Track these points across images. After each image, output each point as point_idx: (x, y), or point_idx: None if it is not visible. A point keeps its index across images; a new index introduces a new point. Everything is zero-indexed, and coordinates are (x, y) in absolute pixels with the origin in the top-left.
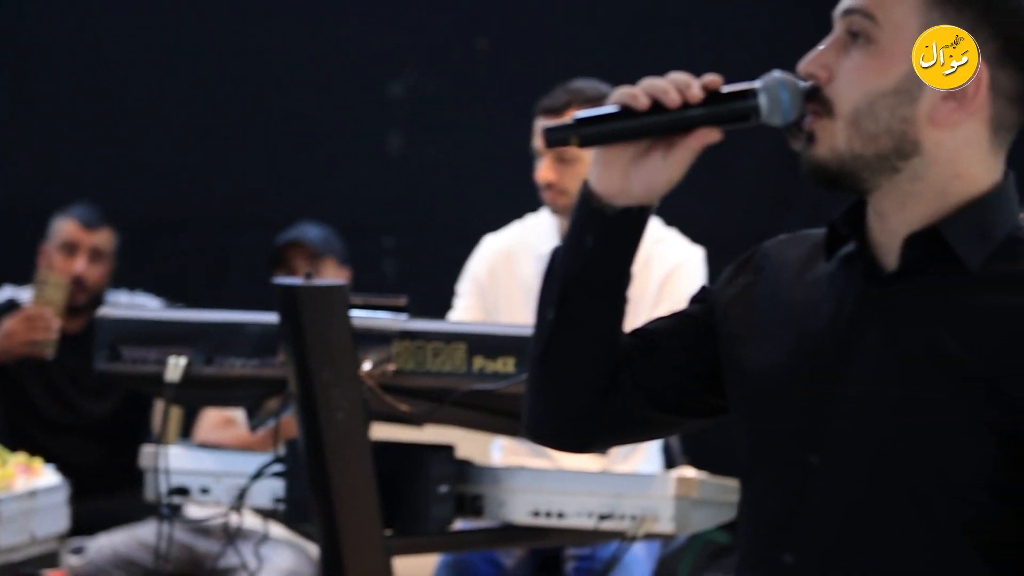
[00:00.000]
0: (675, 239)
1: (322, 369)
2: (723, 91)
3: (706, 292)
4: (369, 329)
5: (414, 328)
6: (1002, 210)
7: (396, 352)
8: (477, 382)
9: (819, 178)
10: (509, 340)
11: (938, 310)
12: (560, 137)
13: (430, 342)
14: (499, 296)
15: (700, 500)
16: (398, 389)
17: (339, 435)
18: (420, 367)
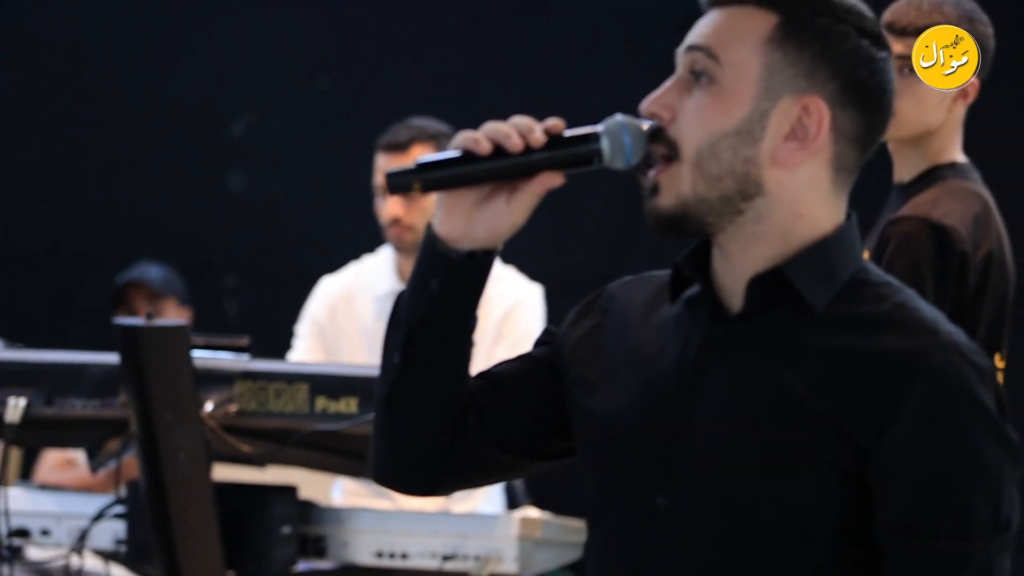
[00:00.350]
0: (513, 277)
1: (163, 410)
2: (565, 135)
3: (551, 334)
4: (211, 370)
5: (256, 368)
6: (845, 251)
7: (238, 393)
8: (320, 423)
9: (664, 228)
10: (351, 380)
11: (783, 351)
12: (402, 182)
13: (272, 382)
14: (339, 338)
15: (544, 540)
16: (240, 430)
17: (181, 476)
18: (262, 408)
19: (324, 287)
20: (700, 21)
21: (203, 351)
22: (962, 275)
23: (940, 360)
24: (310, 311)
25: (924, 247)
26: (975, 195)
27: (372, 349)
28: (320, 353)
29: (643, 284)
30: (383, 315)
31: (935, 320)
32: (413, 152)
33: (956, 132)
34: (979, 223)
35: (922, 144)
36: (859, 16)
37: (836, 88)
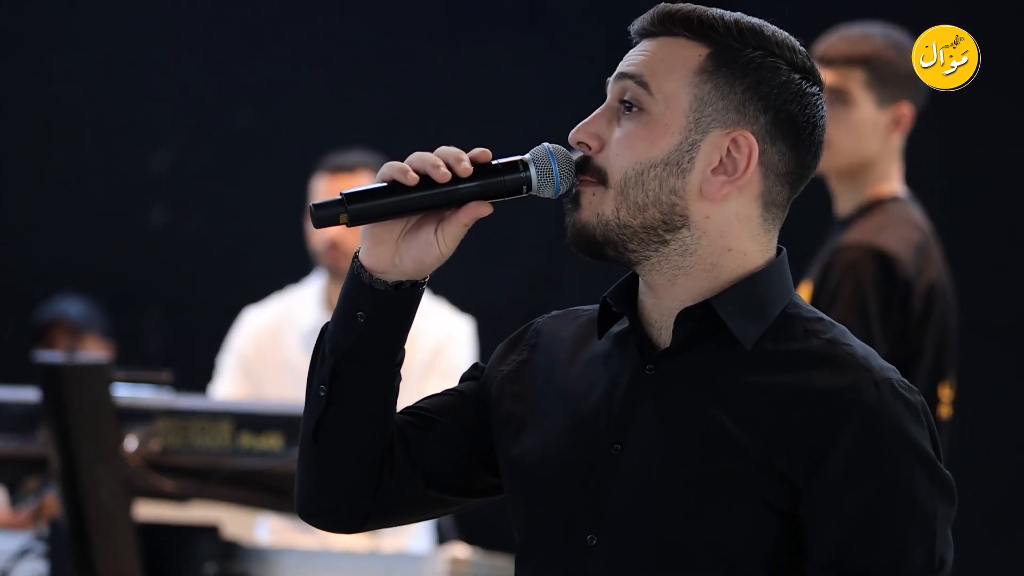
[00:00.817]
0: (444, 310)
1: (85, 447)
2: (493, 164)
3: (478, 369)
4: (133, 406)
5: (179, 405)
6: (776, 286)
7: (161, 429)
8: (244, 459)
9: (583, 245)
10: (276, 416)
11: (713, 388)
12: (328, 215)
13: (195, 418)
14: (264, 372)
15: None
16: (163, 467)
17: (103, 514)
18: (185, 444)
19: (248, 320)
20: (632, 50)
21: (125, 386)
22: (906, 302)
23: (872, 398)
24: (234, 345)
25: (869, 273)
26: (916, 226)
27: (298, 384)
28: (244, 388)
29: (571, 319)
30: (310, 350)
31: (867, 357)
32: (359, 176)
33: (894, 163)
34: (921, 253)
35: (860, 176)
36: (791, 50)
37: (766, 122)
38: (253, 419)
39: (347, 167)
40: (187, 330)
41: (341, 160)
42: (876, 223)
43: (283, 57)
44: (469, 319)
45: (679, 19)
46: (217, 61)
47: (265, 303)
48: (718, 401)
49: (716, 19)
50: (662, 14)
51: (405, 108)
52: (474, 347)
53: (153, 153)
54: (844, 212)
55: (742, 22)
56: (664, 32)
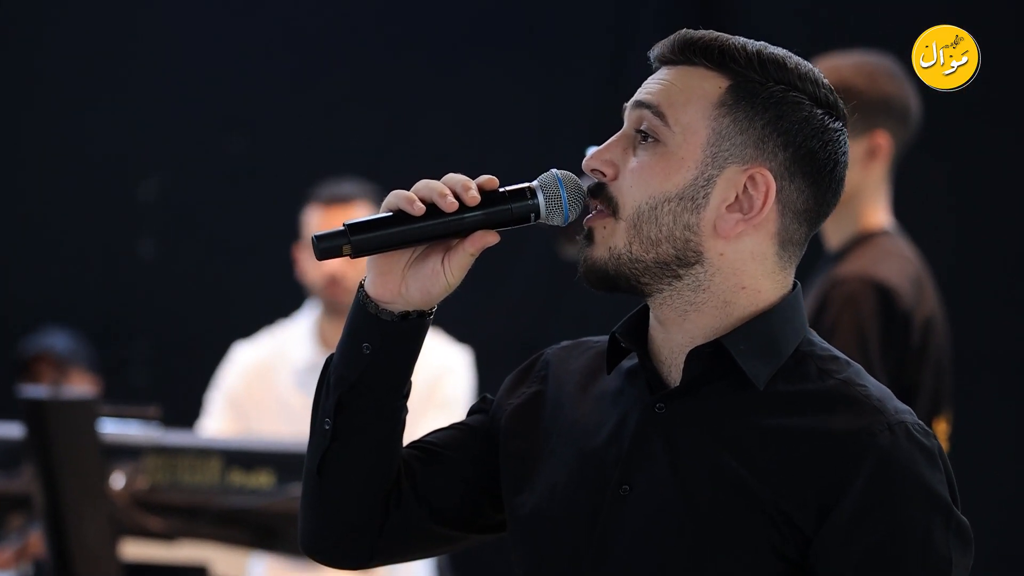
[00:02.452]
0: (441, 341)
1: (70, 485)
2: (500, 191)
3: (486, 402)
4: (119, 442)
5: (167, 441)
6: (789, 324)
7: (148, 466)
8: (234, 497)
9: (595, 280)
10: (267, 454)
11: (723, 429)
12: (331, 246)
13: (184, 455)
14: (254, 410)
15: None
16: (151, 505)
17: (88, 554)
18: (173, 481)
19: (239, 357)
20: (651, 77)
21: (112, 422)
22: (905, 335)
23: (887, 441)
24: (224, 382)
25: (868, 306)
26: (909, 259)
27: (291, 423)
28: (234, 426)
29: (580, 351)
30: (303, 387)
31: (882, 398)
32: (355, 208)
33: (879, 195)
34: (917, 286)
35: (846, 209)
36: (814, 84)
37: (786, 159)
38: (243, 456)
39: (342, 198)
40: (176, 364)
41: (336, 191)
42: (871, 256)
43: (276, 82)
44: (466, 350)
45: (700, 48)
46: (207, 86)
47: (256, 339)
48: (728, 444)
49: (738, 50)
50: (683, 42)
51: (402, 134)
52: (472, 378)
53: (141, 182)
54: (834, 246)
55: (764, 54)
56: (684, 60)
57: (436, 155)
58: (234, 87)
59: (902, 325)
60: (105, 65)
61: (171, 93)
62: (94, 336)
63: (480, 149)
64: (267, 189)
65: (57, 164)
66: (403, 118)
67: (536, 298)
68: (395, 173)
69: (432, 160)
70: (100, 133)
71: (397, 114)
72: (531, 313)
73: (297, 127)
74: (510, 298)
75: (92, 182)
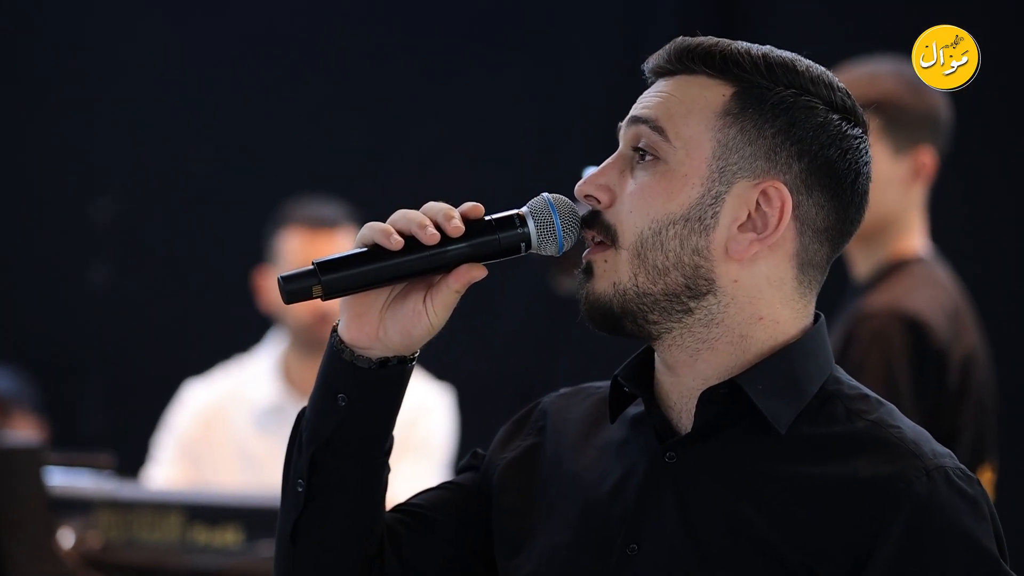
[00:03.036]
0: (418, 378)
1: (14, 542)
2: (486, 220)
3: (477, 458)
4: (69, 495)
5: (122, 494)
6: (812, 359)
7: (101, 521)
8: (197, 556)
9: (599, 319)
10: (233, 508)
11: (740, 480)
12: (299, 289)
13: (141, 510)
14: (209, 457)
15: None
16: (104, 565)
17: None
18: (129, 539)
19: (192, 398)
20: (646, 91)
21: (60, 472)
22: (940, 375)
23: (924, 489)
24: (174, 428)
25: (898, 344)
26: (946, 289)
27: (250, 470)
28: (186, 474)
29: (581, 398)
30: (264, 431)
31: (918, 441)
32: (340, 235)
33: (917, 219)
34: (954, 319)
35: (880, 235)
36: (828, 87)
37: (801, 170)
38: (207, 511)
39: (327, 222)
40: (132, 406)
41: (318, 213)
42: (901, 286)
43: (244, 91)
44: (447, 388)
45: (699, 55)
46: (167, 95)
47: (209, 377)
48: (747, 495)
49: (741, 54)
50: (680, 49)
51: (385, 149)
52: (452, 420)
53: (93, 202)
54: (862, 276)
55: (771, 57)
56: (682, 70)
57: (423, 172)
58: (197, 96)
59: (936, 363)
60: (53, 72)
61: (126, 103)
62: (39, 374)
63: (472, 166)
64: (233, 210)
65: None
66: (386, 131)
67: (531, 334)
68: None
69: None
70: (47, 147)
71: (380, 127)
72: (525, 351)
73: (267, 141)
74: (502, 334)
75: (37, 201)
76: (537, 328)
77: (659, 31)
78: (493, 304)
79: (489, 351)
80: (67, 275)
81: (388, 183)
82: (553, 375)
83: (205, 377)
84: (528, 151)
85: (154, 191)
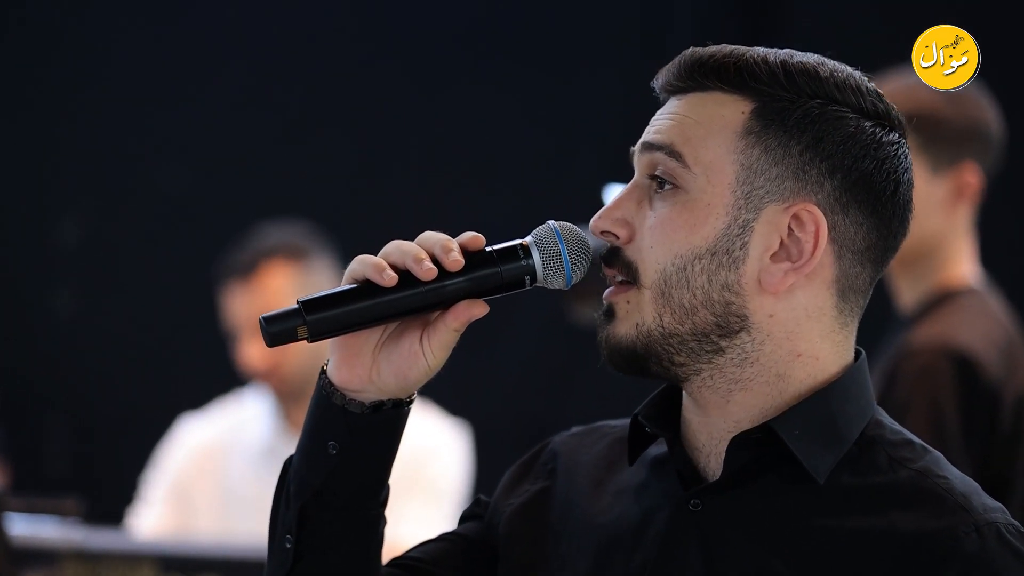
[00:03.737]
0: (430, 414)
1: None
2: (487, 251)
3: (481, 505)
4: (32, 544)
5: (90, 544)
6: (853, 402)
7: (68, 573)
8: None
9: (621, 363)
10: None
11: (773, 534)
12: (282, 330)
13: (110, 561)
14: (199, 503)
15: None
16: None
17: None
18: None
19: (186, 435)
20: (658, 112)
21: (22, 519)
22: (992, 416)
23: (974, 547)
24: (167, 467)
25: (945, 382)
26: (999, 322)
27: (243, 518)
28: (175, 520)
29: (595, 438)
30: (258, 476)
31: (968, 494)
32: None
33: (964, 243)
34: (1007, 356)
35: (923, 262)
36: (856, 92)
37: (834, 188)
38: (183, 562)
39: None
40: (100, 446)
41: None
42: (950, 320)
43: (220, 103)
44: (462, 425)
45: (712, 68)
46: (137, 108)
47: (206, 413)
48: (780, 551)
49: (758, 63)
50: (691, 64)
51: (372, 168)
52: (465, 460)
53: (57, 223)
54: (908, 307)
55: (791, 64)
56: (695, 87)
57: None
58: (168, 109)
59: (988, 403)
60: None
61: (93, 117)
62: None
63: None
64: (209, 232)
65: None
66: (377, 148)
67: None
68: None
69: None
70: (8, 166)
71: (369, 143)
72: (535, 386)
73: (245, 158)
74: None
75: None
76: (549, 361)
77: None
78: (501, 334)
79: (496, 385)
80: (28, 302)
81: (379, 206)
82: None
83: (201, 413)
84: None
85: (123, 212)
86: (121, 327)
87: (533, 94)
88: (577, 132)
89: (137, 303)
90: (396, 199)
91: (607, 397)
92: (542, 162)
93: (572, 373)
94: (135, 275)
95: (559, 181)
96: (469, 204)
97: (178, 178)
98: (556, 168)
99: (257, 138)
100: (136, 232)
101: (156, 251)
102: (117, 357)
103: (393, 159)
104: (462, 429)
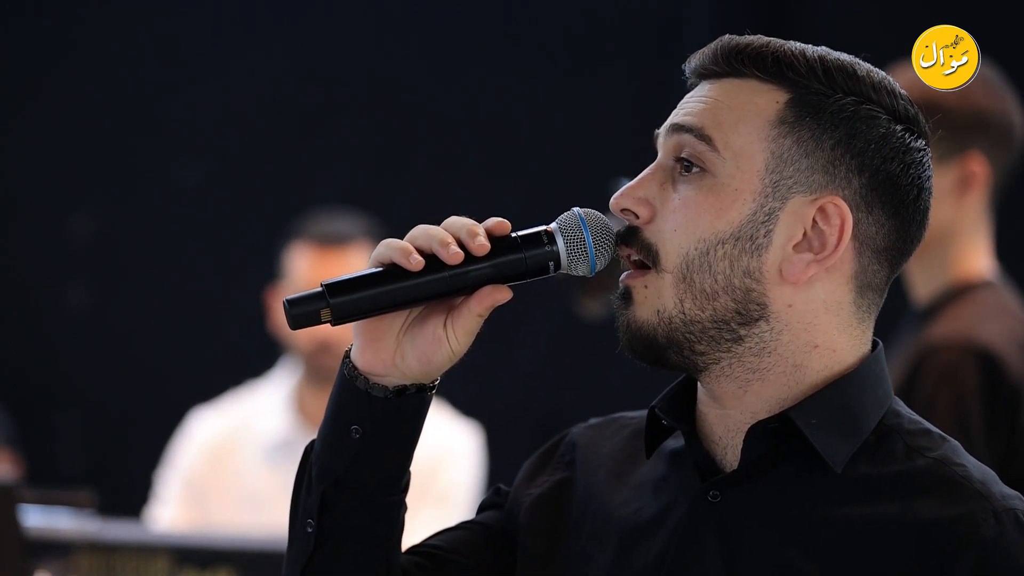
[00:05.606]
0: (443, 416)
1: None
2: (512, 237)
3: (501, 495)
4: (46, 536)
5: (104, 535)
6: (870, 392)
7: (82, 565)
8: None
9: (641, 351)
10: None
11: (791, 523)
12: (305, 313)
13: (125, 553)
14: (213, 496)
15: None
16: None
17: None
18: None
19: (199, 428)
20: (688, 95)
21: (36, 511)
22: (1015, 414)
23: (992, 532)
24: (181, 460)
25: (970, 379)
26: (1017, 317)
27: (256, 512)
28: (190, 515)
29: (613, 429)
30: (273, 469)
31: (985, 481)
32: (353, 252)
33: (977, 234)
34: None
35: (935, 253)
36: (891, 95)
37: (861, 186)
38: (197, 554)
39: (338, 239)
40: (114, 439)
41: (328, 228)
42: (970, 315)
43: (238, 95)
44: (475, 427)
45: (750, 56)
46: (152, 102)
47: (218, 405)
48: (798, 540)
49: (796, 56)
50: (728, 50)
51: (395, 159)
52: (479, 464)
53: (71, 217)
54: (922, 299)
55: (829, 60)
56: (731, 72)
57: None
58: (182, 102)
59: (1011, 402)
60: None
61: (106, 111)
62: (13, 405)
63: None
64: (224, 226)
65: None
66: (401, 139)
67: (555, 362)
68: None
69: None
70: (21, 159)
71: (392, 134)
72: (549, 381)
73: (263, 150)
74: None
75: (8, 217)
76: (561, 357)
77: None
78: (515, 329)
79: (510, 380)
80: (41, 297)
81: (402, 195)
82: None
83: (213, 405)
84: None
85: (135, 206)
86: (133, 321)
87: (552, 88)
88: (596, 121)
89: (149, 297)
90: (412, 192)
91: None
92: (561, 150)
93: (585, 369)
94: (147, 269)
95: (579, 169)
96: (491, 191)
97: (191, 172)
98: (575, 156)
99: (271, 132)
100: (148, 226)
101: (168, 245)
102: (130, 350)
103: (410, 151)
104: (475, 432)
